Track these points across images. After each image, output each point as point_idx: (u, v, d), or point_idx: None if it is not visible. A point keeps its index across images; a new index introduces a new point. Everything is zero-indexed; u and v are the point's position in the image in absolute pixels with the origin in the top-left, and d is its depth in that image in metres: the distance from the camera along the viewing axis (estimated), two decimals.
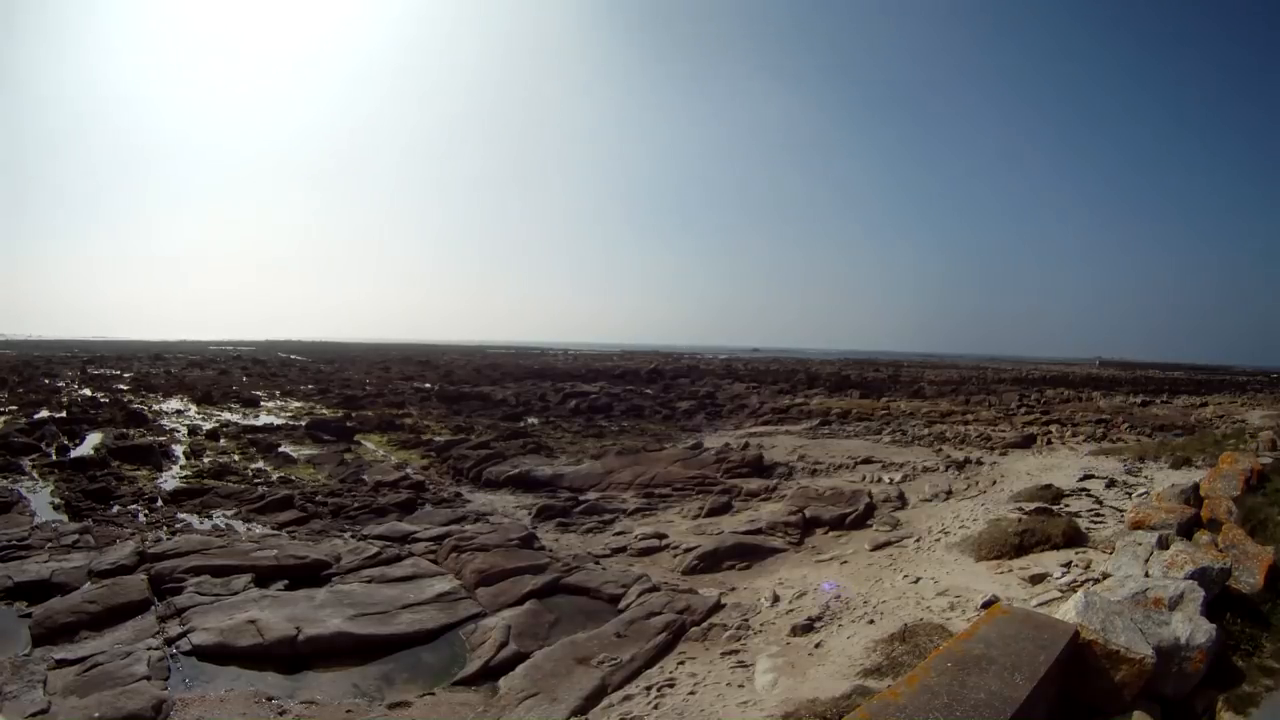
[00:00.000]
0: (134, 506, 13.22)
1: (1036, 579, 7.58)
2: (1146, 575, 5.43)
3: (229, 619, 7.27)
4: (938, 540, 9.94)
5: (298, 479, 16.19)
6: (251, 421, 25.84)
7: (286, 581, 8.60)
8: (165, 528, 11.61)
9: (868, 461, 17.79)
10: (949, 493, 14.00)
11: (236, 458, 18.64)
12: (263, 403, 32.74)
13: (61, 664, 6.29)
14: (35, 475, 15.48)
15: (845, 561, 9.67)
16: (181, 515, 12.69)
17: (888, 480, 15.28)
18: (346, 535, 11.18)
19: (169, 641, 6.86)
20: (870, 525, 11.52)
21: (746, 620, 7.59)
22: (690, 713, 5.62)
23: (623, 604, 8.13)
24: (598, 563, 9.87)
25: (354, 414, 27.61)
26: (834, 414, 29.47)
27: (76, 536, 10.07)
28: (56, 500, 13.37)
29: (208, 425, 24.08)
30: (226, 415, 27.75)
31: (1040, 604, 6.49)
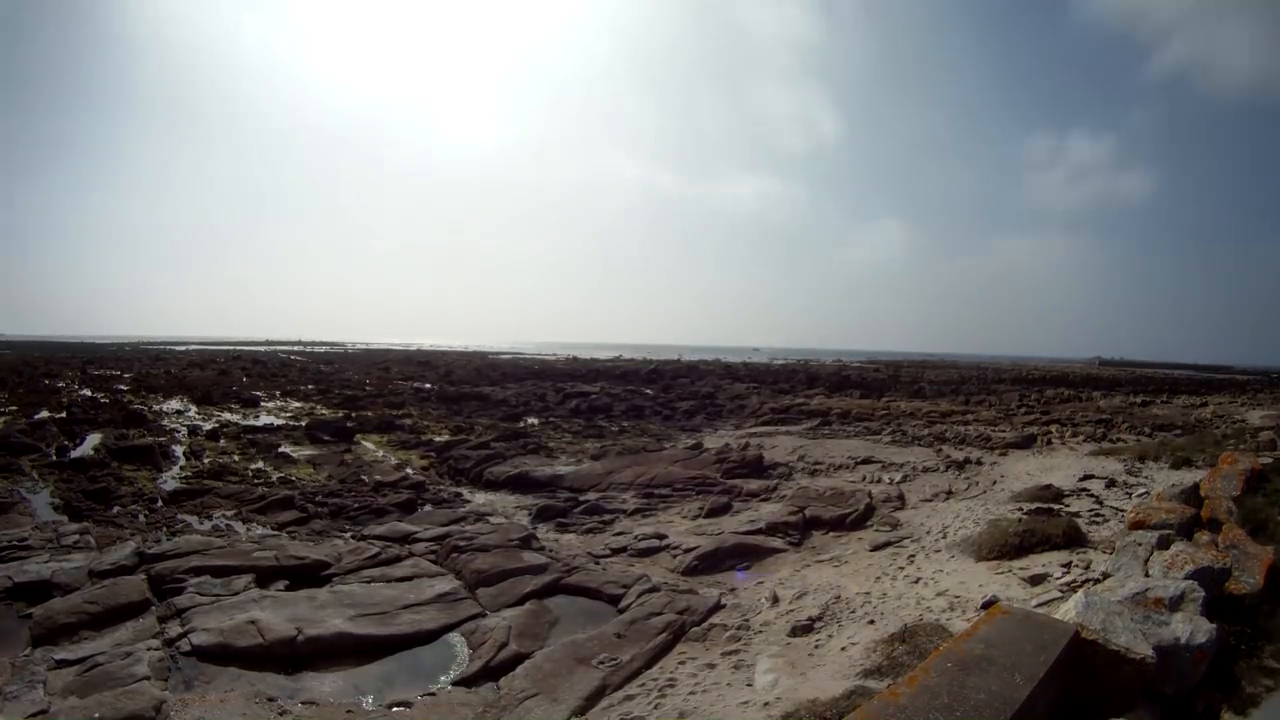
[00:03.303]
0: (134, 507, 13.21)
1: (1036, 579, 7.58)
2: (1147, 575, 5.44)
3: (229, 619, 7.27)
4: (938, 541, 9.95)
5: (298, 479, 16.18)
6: (251, 422, 25.82)
7: (287, 582, 8.59)
8: (165, 528, 11.61)
9: (867, 462, 17.80)
10: (949, 493, 14.00)
11: (236, 458, 18.63)
12: (263, 403, 32.72)
13: (62, 664, 6.28)
14: (35, 476, 15.46)
15: (845, 562, 9.68)
16: (181, 516, 12.68)
17: (887, 480, 15.28)
18: (347, 535, 11.17)
19: (169, 642, 6.85)
20: (870, 526, 11.52)
21: (746, 620, 7.59)
22: (691, 713, 5.62)
23: (623, 604, 8.13)
24: (598, 563, 9.86)
25: (354, 414, 27.59)
26: (834, 414, 29.47)
27: (76, 537, 10.06)
28: (56, 501, 13.36)
29: (208, 425, 24.06)
30: (226, 415, 27.72)
31: (1040, 604, 6.49)
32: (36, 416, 24.09)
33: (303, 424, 24.52)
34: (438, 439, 22.36)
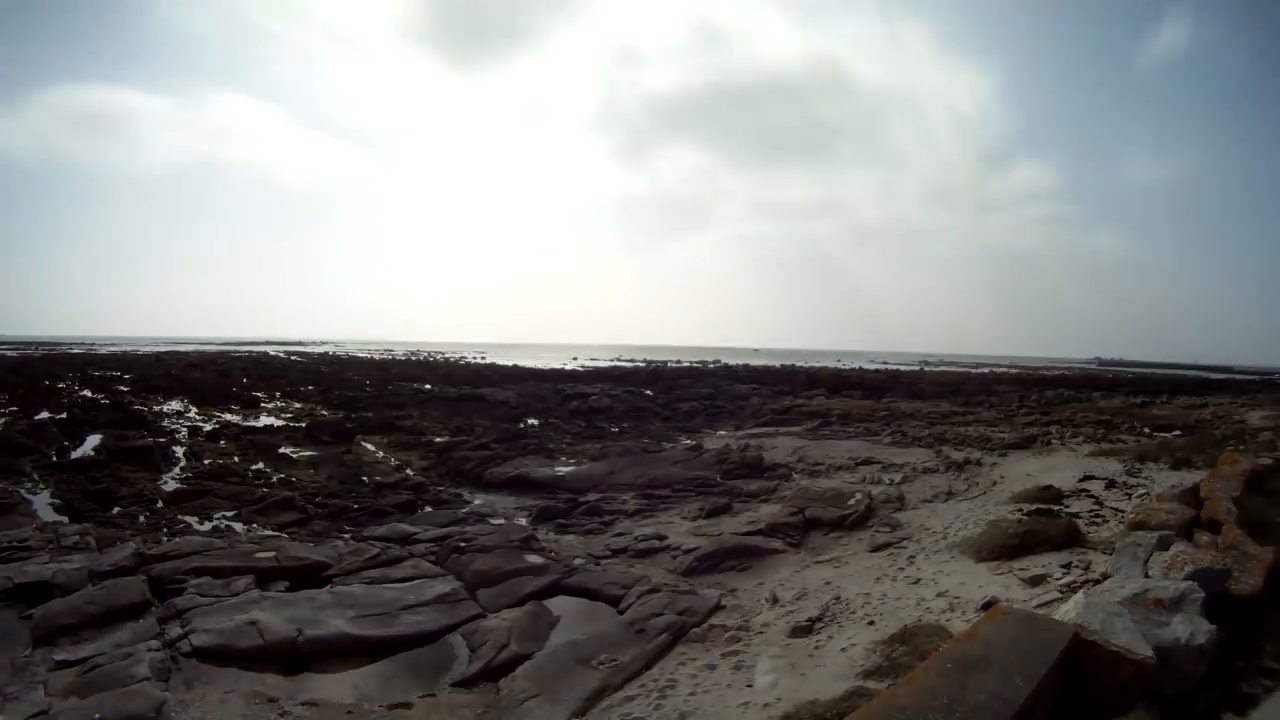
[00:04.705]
0: (134, 508, 13.22)
1: (1036, 580, 7.58)
2: (1146, 576, 5.44)
3: (229, 620, 7.26)
4: (937, 541, 9.94)
5: (298, 480, 16.19)
6: (252, 423, 25.84)
7: (287, 583, 8.58)
8: (165, 529, 11.62)
9: (867, 462, 17.79)
10: (949, 493, 14.00)
11: (237, 459, 18.64)
12: (263, 404, 32.73)
13: (62, 665, 6.29)
14: (36, 477, 15.48)
15: (845, 563, 9.67)
16: (182, 517, 12.69)
17: (887, 481, 15.29)
18: (347, 536, 11.18)
19: (169, 643, 6.85)
20: (870, 526, 11.51)
21: (746, 621, 7.59)
22: (691, 713, 5.62)
23: (623, 605, 8.13)
24: (598, 564, 9.86)
25: (354, 415, 27.59)
26: (834, 415, 29.48)
27: (77, 538, 10.05)
28: (57, 502, 13.37)
29: (208, 426, 24.09)
30: (227, 416, 27.75)
31: (1040, 605, 6.49)
32: (37, 417, 24.11)
33: (303, 425, 24.55)
34: (438, 440, 22.37)
